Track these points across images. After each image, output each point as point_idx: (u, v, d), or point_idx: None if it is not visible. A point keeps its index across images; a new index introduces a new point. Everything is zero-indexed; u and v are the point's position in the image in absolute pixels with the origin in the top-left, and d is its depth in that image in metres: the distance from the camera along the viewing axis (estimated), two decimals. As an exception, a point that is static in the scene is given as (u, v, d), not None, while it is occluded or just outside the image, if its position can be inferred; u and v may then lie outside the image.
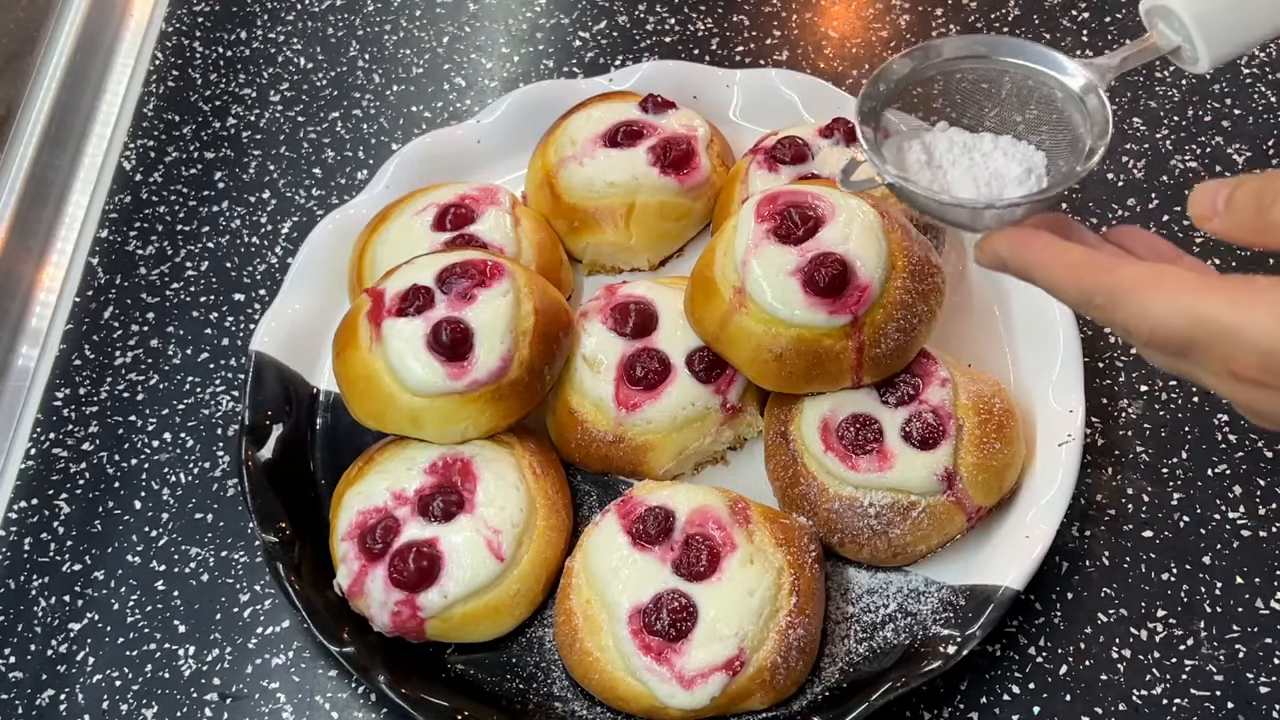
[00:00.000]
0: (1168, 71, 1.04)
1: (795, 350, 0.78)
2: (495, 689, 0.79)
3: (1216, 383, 0.53)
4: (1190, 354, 0.52)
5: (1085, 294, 0.55)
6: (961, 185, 0.62)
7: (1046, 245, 0.57)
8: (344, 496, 0.81)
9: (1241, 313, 0.50)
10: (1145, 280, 0.53)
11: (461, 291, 0.81)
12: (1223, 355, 0.51)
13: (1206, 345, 0.51)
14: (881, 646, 0.78)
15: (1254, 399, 0.52)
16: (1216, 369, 0.52)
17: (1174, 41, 0.61)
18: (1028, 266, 0.58)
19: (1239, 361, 0.51)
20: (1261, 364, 0.50)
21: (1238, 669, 0.77)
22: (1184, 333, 0.52)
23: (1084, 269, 0.55)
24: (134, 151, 1.06)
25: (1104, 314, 0.55)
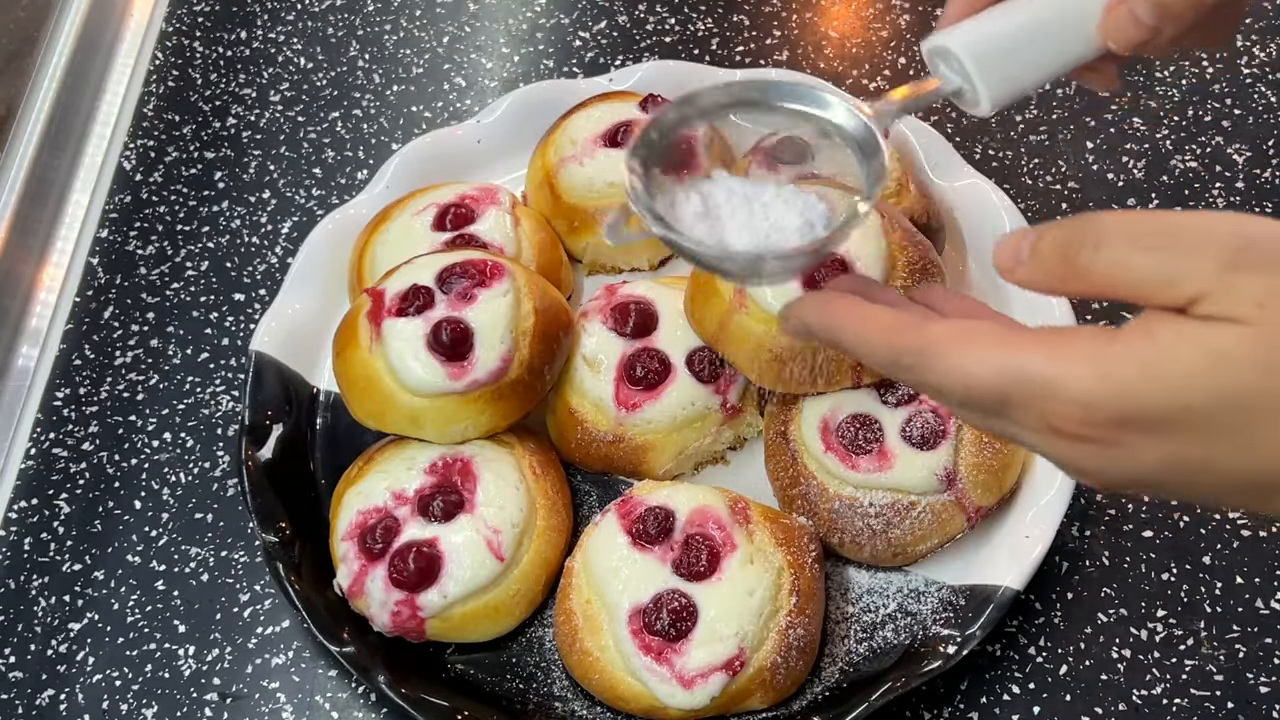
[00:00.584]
0: (1168, 71, 1.04)
1: (795, 350, 0.78)
2: (495, 689, 0.79)
3: (1037, 440, 0.50)
4: (1007, 411, 0.50)
5: (894, 354, 0.53)
6: (738, 237, 0.59)
7: (851, 308, 0.55)
8: (344, 496, 0.81)
9: (1058, 365, 0.48)
10: (955, 338, 0.51)
11: (461, 291, 0.81)
12: (1040, 410, 0.49)
13: (1024, 401, 0.49)
14: (881, 646, 0.78)
15: (1078, 455, 0.49)
16: (1035, 425, 0.49)
17: (955, 83, 0.60)
18: (834, 331, 0.56)
19: (1058, 416, 0.48)
20: (1083, 417, 0.48)
21: (1238, 669, 0.77)
22: (999, 389, 0.49)
23: (892, 330, 0.53)
24: (134, 151, 1.06)
25: (914, 375, 0.53)
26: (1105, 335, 0.48)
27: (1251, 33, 1.06)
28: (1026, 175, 1.00)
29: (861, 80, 1.07)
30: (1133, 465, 0.49)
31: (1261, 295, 0.45)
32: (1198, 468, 0.48)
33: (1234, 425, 0.47)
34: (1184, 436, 0.47)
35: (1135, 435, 0.47)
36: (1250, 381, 0.46)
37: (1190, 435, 0.47)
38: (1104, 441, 0.48)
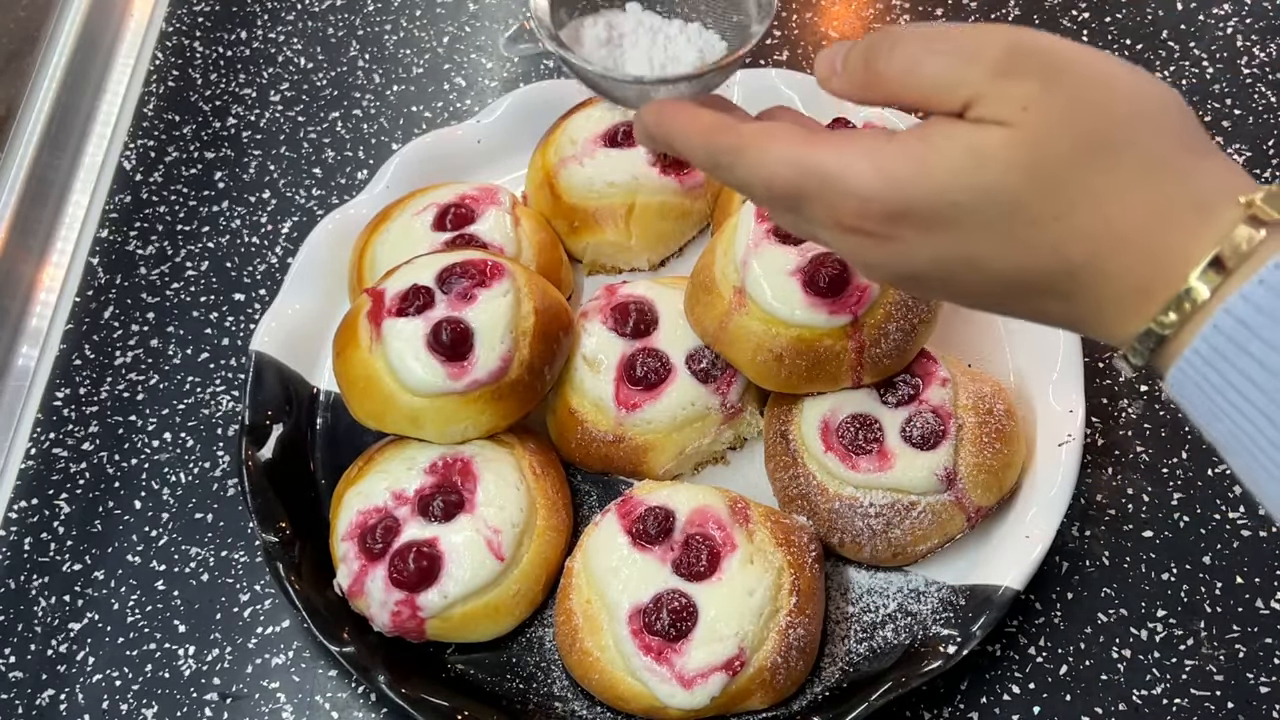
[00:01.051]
0: (1168, 72, 1.04)
1: (795, 350, 0.78)
2: (495, 689, 0.79)
3: (827, 236, 0.54)
4: (801, 206, 0.53)
5: (711, 154, 0.56)
6: (635, 64, 0.62)
7: (681, 111, 0.57)
8: (344, 496, 0.81)
9: (842, 161, 0.51)
10: (762, 135, 0.54)
11: (461, 291, 0.81)
12: (827, 204, 0.52)
13: (814, 195, 0.52)
14: (881, 646, 0.78)
15: (857, 248, 0.52)
16: (823, 219, 0.52)
17: None
18: (667, 134, 0.58)
19: (841, 210, 0.51)
20: (860, 210, 0.51)
21: (1238, 669, 0.77)
22: (793, 184, 0.52)
23: (711, 130, 0.56)
24: (134, 151, 1.06)
25: (729, 173, 0.55)
26: (885, 135, 0.51)
27: (1252, 33, 1.06)
28: (1026, 175, 1.00)
29: (861, 80, 1.07)
30: (906, 260, 0.52)
31: (1026, 99, 0.48)
32: (963, 264, 0.51)
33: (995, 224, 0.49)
34: (951, 233, 0.50)
35: (908, 230, 0.50)
36: (1011, 182, 0.48)
37: (956, 232, 0.50)
38: (880, 235, 0.51)
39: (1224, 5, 1.08)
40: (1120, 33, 1.07)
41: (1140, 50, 1.06)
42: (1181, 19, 1.08)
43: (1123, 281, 0.49)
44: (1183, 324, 0.48)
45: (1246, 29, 1.06)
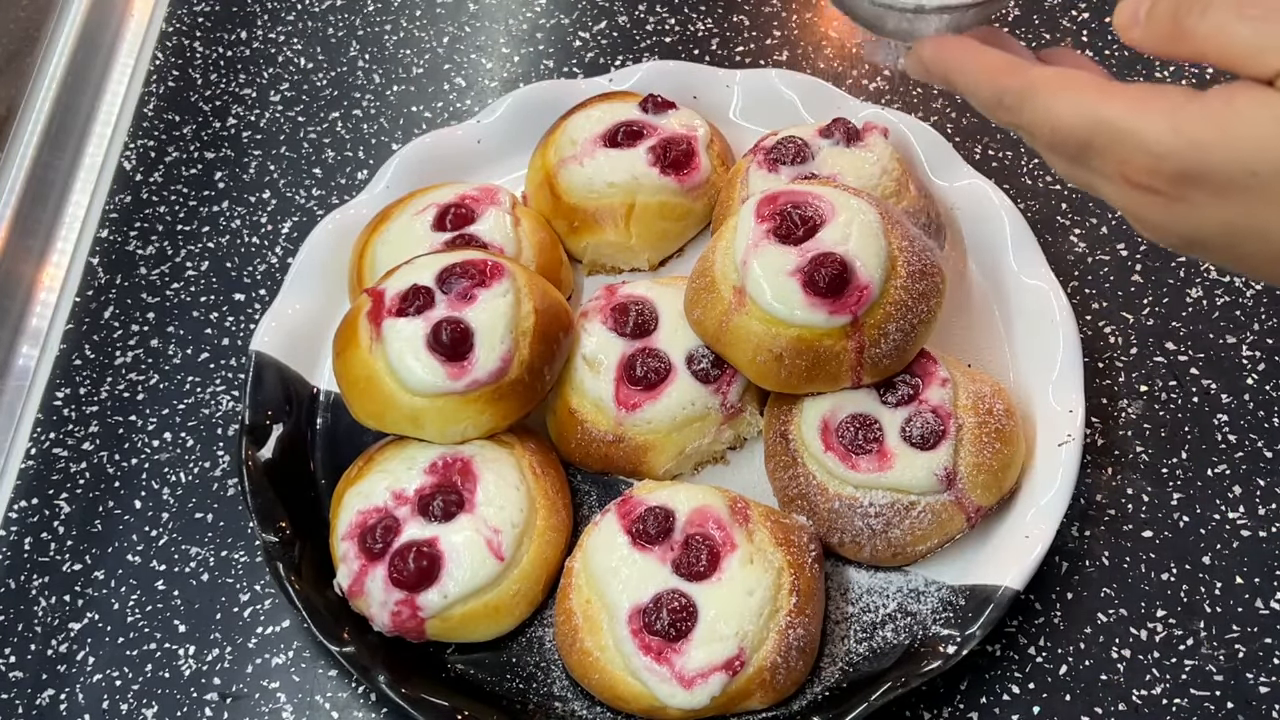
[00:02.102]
0: (1168, 71, 1.04)
1: (795, 350, 0.78)
2: (495, 689, 0.79)
3: (1110, 190, 0.53)
4: (1087, 157, 0.52)
5: (996, 94, 0.55)
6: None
7: (966, 49, 0.57)
8: (344, 496, 0.81)
9: (1138, 116, 0.50)
10: (1052, 82, 0.53)
11: (461, 291, 0.81)
12: (1117, 159, 0.51)
13: (1103, 148, 0.51)
14: (881, 646, 0.78)
15: (1143, 205, 0.52)
16: (1110, 173, 0.52)
17: None
18: (947, 70, 0.58)
19: (1131, 165, 0.51)
20: (1152, 167, 0.50)
21: (1238, 669, 0.77)
22: (1082, 134, 0.52)
23: (998, 71, 0.56)
24: (134, 151, 1.06)
25: (1012, 115, 0.55)
26: (1188, 94, 0.50)
27: (1251, 33, 1.06)
28: (1026, 175, 1.00)
29: (861, 80, 1.07)
30: (1194, 223, 0.51)
31: None
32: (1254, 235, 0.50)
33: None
34: (1245, 202, 0.49)
35: (1200, 193, 0.49)
36: None
37: (1251, 202, 0.49)
38: (1170, 195, 0.50)
39: (1224, 5, 1.08)
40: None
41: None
42: (1181, 19, 1.07)
43: None
44: None
45: (1246, 29, 1.06)
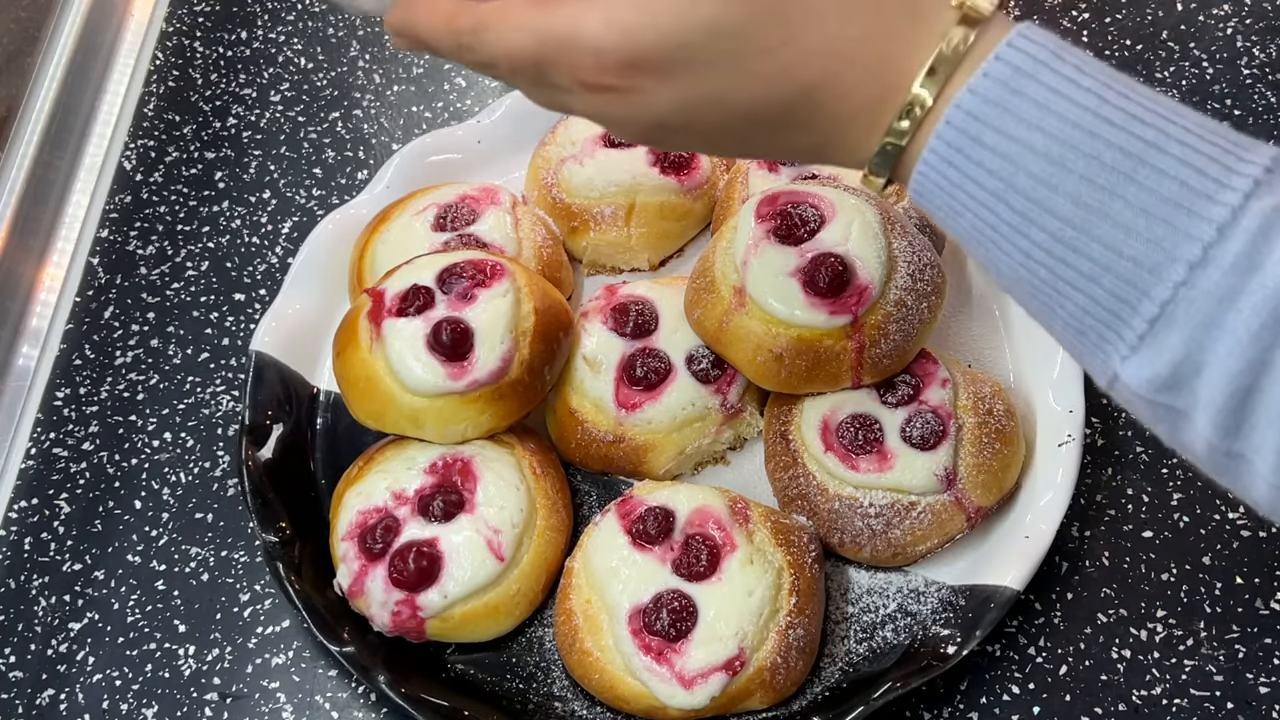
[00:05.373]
0: (1168, 72, 1.04)
1: (795, 350, 0.78)
2: (495, 689, 0.79)
3: (574, 101, 0.53)
4: (545, 75, 0.53)
5: (454, 40, 0.55)
6: None
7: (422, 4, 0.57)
8: (344, 496, 0.81)
9: (576, 20, 0.51)
10: (497, 11, 0.54)
11: (462, 291, 0.81)
12: (568, 66, 0.52)
13: (553, 60, 0.52)
14: (881, 647, 0.78)
15: (603, 106, 0.53)
16: (567, 84, 0.52)
17: None
18: (413, 29, 0.57)
19: (581, 69, 0.51)
20: (597, 65, 0.51)
21: (1238, 669, 0.77)
22: (533, 53, 0.52)
23: (451, 15, 0.55)
24: (134, 151, 1.06)
25: (474, 55, 0.55)
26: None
27: (1252, 33, 1.06)
28: (1026, 175, 1.00)
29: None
30: (651, 109, 0.52)
31: None
32: (705, 105, 0.51)
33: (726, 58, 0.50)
34: (687, 75, 0.50)
35: (645, 79, 0.51)
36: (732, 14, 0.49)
37: (692, 73, 0.50)
38: (621, 89, 0.51)
39: (1224, 5, 1.08)
40: (1120, 33, 1.07)
41: (1140, 50, 1.06)
42: (1181, 19, 1.08)
43: (856, 99, 0.50)
44: (916, 130, 0.50)
45: (1246, 29, 1.06)
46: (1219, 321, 0.45)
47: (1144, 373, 0.47)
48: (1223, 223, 0.45)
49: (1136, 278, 0.46)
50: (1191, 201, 0.45)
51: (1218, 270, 0.45)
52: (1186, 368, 0.46)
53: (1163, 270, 0.46)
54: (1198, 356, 0.46)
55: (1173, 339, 0.46)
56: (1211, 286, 0.45)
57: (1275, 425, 0.45)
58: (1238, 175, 0.45)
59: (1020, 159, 0.47)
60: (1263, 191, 0.45)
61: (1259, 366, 0.45)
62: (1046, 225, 0.47)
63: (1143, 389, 0.48)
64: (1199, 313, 0.45)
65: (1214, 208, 0.45)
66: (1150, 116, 0.47)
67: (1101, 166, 0.46)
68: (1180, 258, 0.45)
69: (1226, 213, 0.45)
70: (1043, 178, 0.47)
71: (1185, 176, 0.45)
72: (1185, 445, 0.50)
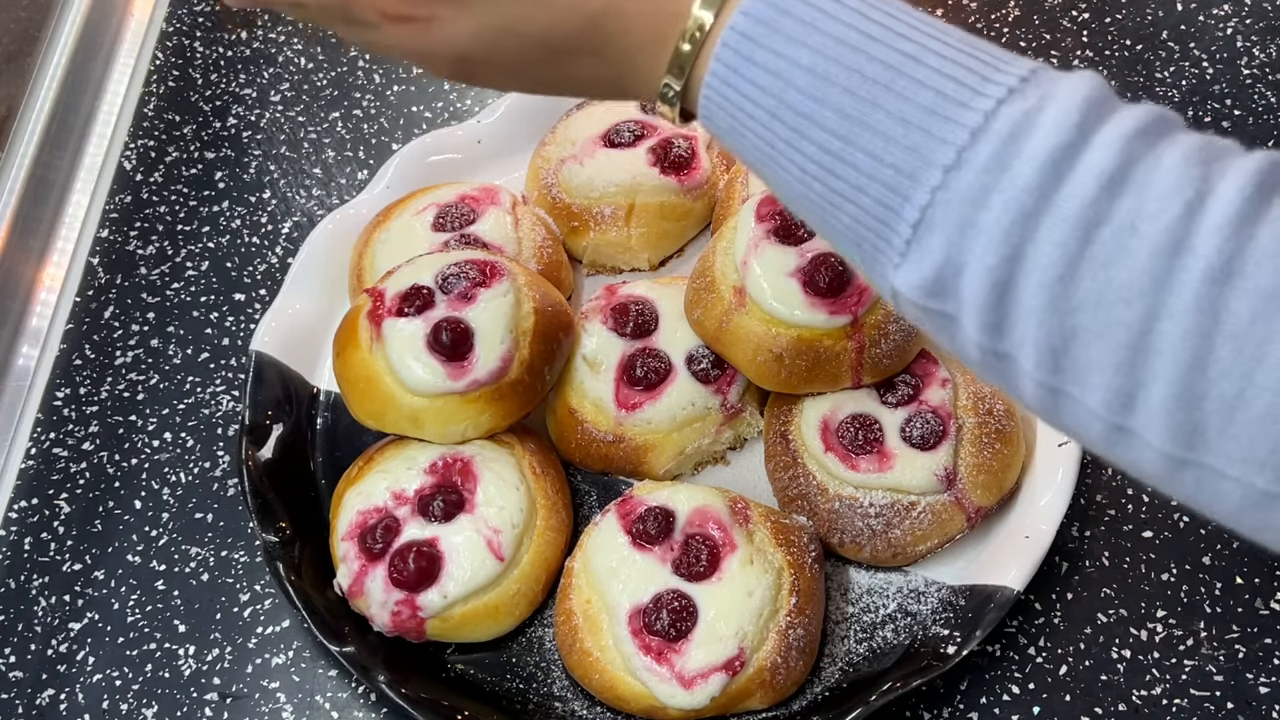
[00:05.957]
0: (1168, 72, 1.04)
1: (795, 350, 0.78)
2: (495, 689, 0.79)
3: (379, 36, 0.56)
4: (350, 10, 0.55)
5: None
6: None
7: None
8: (344, 496, 0.81)
9: None
10: None
11: (462, 292, 0.81)
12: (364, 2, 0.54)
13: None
14: (881, 647, 0.78)
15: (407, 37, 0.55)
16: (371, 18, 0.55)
17: None
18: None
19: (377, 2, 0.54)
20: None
21: (1238, 669, 0.77)
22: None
23: None
24: (134, 151, 1.06)
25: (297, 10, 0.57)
26: None
27: (1252, 33, 1.06)
28: (1026, 175, 1.00)
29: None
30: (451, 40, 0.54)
31: None
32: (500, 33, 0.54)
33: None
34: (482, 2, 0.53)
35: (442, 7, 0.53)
36: None
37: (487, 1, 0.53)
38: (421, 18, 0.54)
39: (1224, 5, 1.08)
40: (1120, 33, 1.07)
41: (1140, 50, 1.06)
42: (1181, 19, 1.08)
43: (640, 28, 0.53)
44: (698, 54, 0.51)
45: (1246, 29, 1.06)
46: (973, 221, 0.46)
47: (913, 279, 0.48)
48: (975, 127, 0.46)
49: (898, 184, 0.47)
50: (947, 109, 0.46)
51: (970, 172, 0.46)
52: (948, 270, 0.47)
53: (921, 175, 0.47)
54: (958, 258, 0.47)
55: (934, 242, 0.47)
56: (964, 188, 0.46)
57: (1032, 319, 0.46)
58: (992, 84, 0.47)
59: (789, 75, 0.49)
60: (1015, 98, 0.46)
61: (1013, 262, 0.46)
62: (815, 138, 0.49)
63: (915, 295, 0.49)
64: (955, 214, 0.46)
65: (967, 113, 0.46)
66: (912, 33, 0.48)
67: (863, 79, 0.48)
68: (936, 163, 0.46)
69: (979, 118, 0.46)
70: (810, 92, 0.48)
71: (942, 85, 0.47)
72: (961, 351, 0.50)
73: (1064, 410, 0.48)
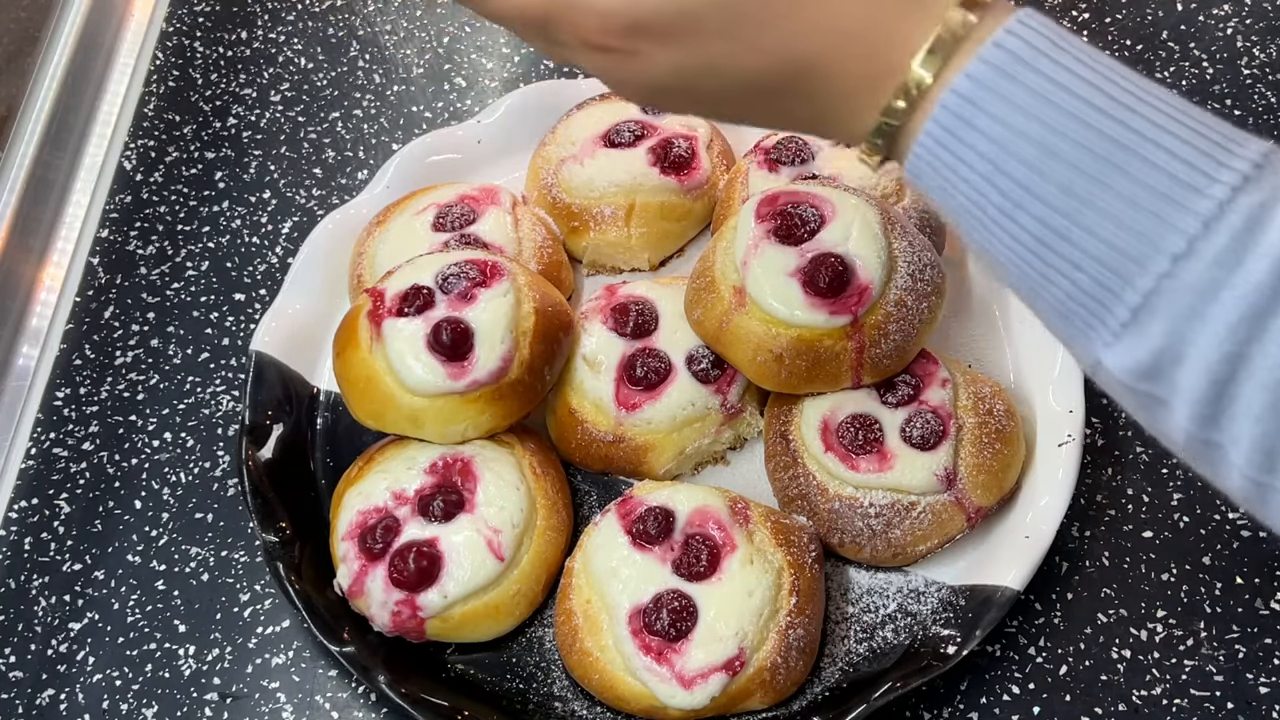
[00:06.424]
0: (1168, 72, 1.04)
1: (795, 350, 0.78)
2: (495, 689, 0.79)
3: (580, 57, 0.55)
4: (552, 31, 0.54)
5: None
6: None
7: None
8: (344, 496, 0.81)
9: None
10: None
11: (462, 292, 0.81)
12: (572, 25, 0.53)
13: (559, 17, 0.53)
14: (881, 647, 0.78)
15: (607, 66, 0.54)
16: (572, 41, 0.54)
17: None
18: None
19: (585, 29, 0.52)
20: (602, 27, 0.52)
21: (1238, 669, 0.77)
22: (540, 8, 0.53)
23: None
24: (134, 151, 1.06)
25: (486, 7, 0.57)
26: None
27: (1252, 33, 1.06)
28: (1026, 175, 1.00)
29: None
30: (650, 73, 0.53)
31: None
32: (704, 73, 0.53)
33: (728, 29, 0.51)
34: (688, 43, 0.51)
35: (647, 43, 0.52)
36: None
37: (691, 40, 0.51)
38: (623, 51, 0.53)
39: (1224, 5, 1.08)
40: (1120, 33, 1.07)
41: (1140, 50, 1.06)
42: (1181, 19, 1.08)
43: (853, 75, 0.51)
44: (912, 110, 0.50)
45: (1246, 29, 1.06)
46: (1200, 313, 0.45)
47: (1126, 360, 0.48)
48: (1209, 216, 0.45)
49: (1122, 267, 0.47)
50: (1179, 194, 0.46)
51: (1201, 263, 0.45)
52: (1167, 357, 0.47)
53: (1148, 261, 0.46)
54: (1178, 347, 0.46)
55: (1155, 328, 0.47)
56: (1194, 279, 0.45)
57: (1250, 418, 0.46)
58: (1227, 170, 0.46)
59: (1012, 145, 0.48)
60: (1250, 187, 0.46)
61: (1237, 360, 0.45)
62: (1035, 211, 0.48)
63: (1124, 376, 0.48)
64: (1181, 304, 0.46)
65: (1201, 200, 0.45)
66: (1143, 108, 0.47)
67: (1092, 156, 0.47)
68: (1165, 249, 0.46)
69: (1213, 206, 0.45)
70: (1033, 164, 0.47)
71: (1174, 169, 0.46)
72: (1164, 433, 0.50)
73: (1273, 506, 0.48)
